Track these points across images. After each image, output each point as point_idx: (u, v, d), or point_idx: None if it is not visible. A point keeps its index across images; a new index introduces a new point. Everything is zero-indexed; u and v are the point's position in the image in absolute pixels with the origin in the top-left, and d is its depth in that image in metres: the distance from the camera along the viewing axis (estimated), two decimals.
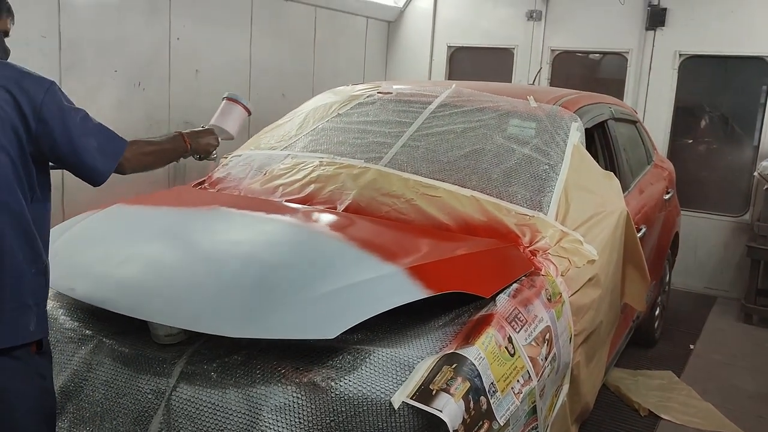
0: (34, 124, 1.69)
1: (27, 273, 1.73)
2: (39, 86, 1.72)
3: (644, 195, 3.74)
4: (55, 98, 1.73)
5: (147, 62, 4.49)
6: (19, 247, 1.70)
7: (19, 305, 1.72)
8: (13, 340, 1.71)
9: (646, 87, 5.80)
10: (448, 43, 6.56)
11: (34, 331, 1.75)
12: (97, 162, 1.80)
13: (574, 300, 2.39)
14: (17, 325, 1.71)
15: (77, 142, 1.75)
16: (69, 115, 1.75)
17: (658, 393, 3.84)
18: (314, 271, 2.03)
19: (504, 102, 3.11)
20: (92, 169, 1.80)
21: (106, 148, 1.82)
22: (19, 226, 1.70)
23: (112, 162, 1.83)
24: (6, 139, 1.66)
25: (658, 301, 4.45)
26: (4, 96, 1.66)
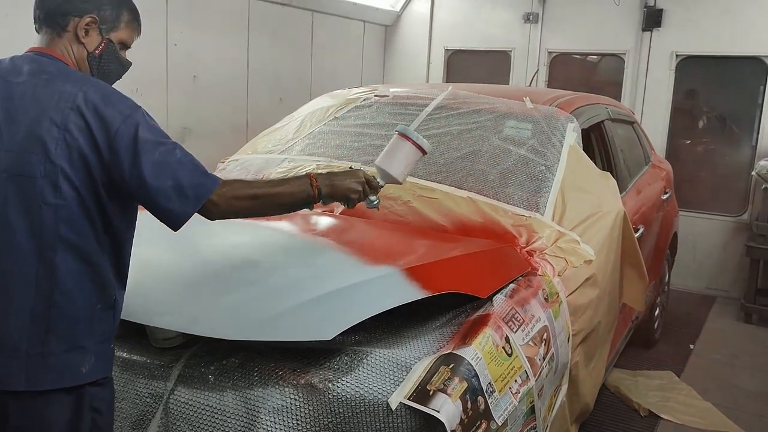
0: (106, 154, 1.52)
1: (87, 311, 1.59)
2: (118, 114, 1.53)
3: (642, 195, 3.75)
4: (132, 128, 1.53)
5: (144, 68, 4.50)
6: (78, 284, 1.57)
7: (69, 348, 1.57)
8: (60, 383, 1.58)
9: (644, 88, 5.82)
10: (445, 47, 6.58)
11: (87, 373, 1.60)
12: (173, 204, 1.57)
13: (571, 300, 2.39)
14: (65, 367, 1.57)
15: (149, 181, 1.53)
16: (144, 147, 1.53)
17: (658, 393, 3.84)
18: (310, 273, 2.03)
19: (500, 103, 3.12)
20: (167, 211, 1.58)
21: (185, 188, 1.57)
22: (84, 261, 1.57)
23: (190, 206, 1.59)
24: (73, 169, 1.52)
25: (657, 302, 4.45)
26: (77, 122, 1.52)
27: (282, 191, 1.76)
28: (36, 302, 1.54)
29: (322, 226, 2.50)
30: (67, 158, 1.52)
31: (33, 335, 1.55)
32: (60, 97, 1.54)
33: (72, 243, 1.55)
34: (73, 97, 1.53)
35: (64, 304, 1.56)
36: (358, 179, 1.90)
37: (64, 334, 1.57)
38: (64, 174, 1.52)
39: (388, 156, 2.04)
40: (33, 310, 1.54)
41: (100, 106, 1.53)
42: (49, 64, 1.61)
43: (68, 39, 1.64)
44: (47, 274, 1.54)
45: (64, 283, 1.55)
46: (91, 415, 1.64)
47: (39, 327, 1.55)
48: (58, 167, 1.52)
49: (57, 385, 1.57)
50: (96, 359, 1.62)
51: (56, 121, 1.53)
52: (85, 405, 1.62)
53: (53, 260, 1.54)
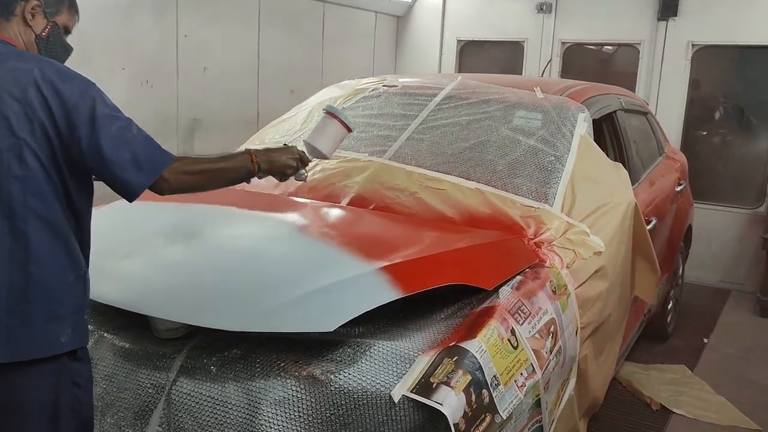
0: (64, 129, 1.58)
1: (61, 282, 1.64)
2: (75, 89, 1.59)
3: (655, 187, 3.69)
4: (88, 103, 1.59)
5: (154, 60, 4.50)
6: (50, 255, 1.62)
7: (49, 317, 1.63)
8: (41, 352, 1.62)
9: (659, 78, 5.73)
10: (457, 38, 6.52)
11: (66, 342, 1.66)
12: (129, 175, 1.63)
13: (580, 292, 2.35)
14: (47, 337, 1.63)
15: (107, 153, 1.60)
16: (102, 121, 1.60)
17: (670, 387, 3.79)
18: (313, 264, 2.01)
19: (510, 93, 3.08)
20: (123, 182, 1.64)
21: (141, 161, 1.64)
22: (54, 233, 1.62)
23: (146, 178, 1.65)
24: (36, 143, 1.57)
25: (670, 295, 4.39)
26: (37, 97, 1.57)
27: (226, 166, 1.83)
28: (12, 274, 1.59)
29: (327, 217, 2.48)
30: (29, 131, 1.57)
31: (12, 307, 1.59)
32: (17, 74, 1.59)
33: (41, 215, 1.60)
34: (29, 73, 1.58)
35: (40, 275, 1.60)
36: (293, 155, 1.98)
37: (42, 305, 1.61)
38: (28, 147, 1.57)
39: (317, 133, 2.13)
40: (10, 282, 1.58)
41: (56, 81, 1.58)
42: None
43: (16, 23, 1.69)
44: (20, 246, 1.58)
45: (37, 254, 1.60)
46: (71, 390, 1.70)
47: (17, 298, 1.59)
48: (22, 140, 1.57)
49: (39, 354, 1.61)
50: (73, 330, 1.67)
51: (16, 96, 1.57)
52: (66, 380, 1.68)
53: (25, 232, 1.58)
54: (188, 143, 4.88)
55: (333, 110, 2.14)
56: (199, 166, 1.77)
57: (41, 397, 1.65)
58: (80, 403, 1.73)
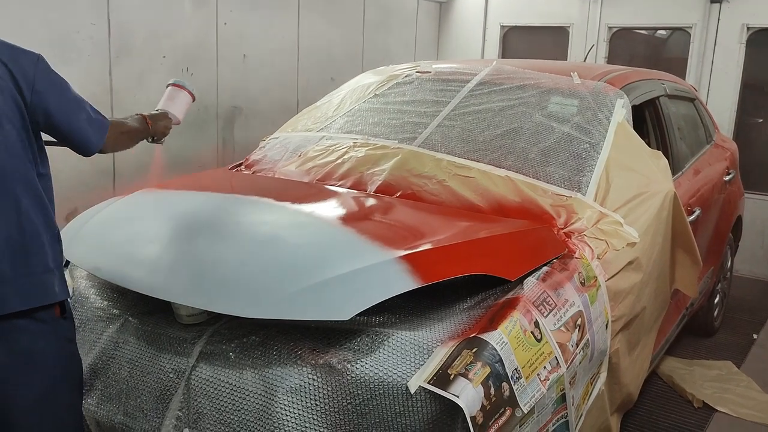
0: (29, 95, 1.74)
1: (47, 238, 1.80)
2: (29, 59, 1.77)
3: (700, 176, 3.55)
4: (46, 71, 1.79)
5: (194, 47, 4.54)
6: (35, 214, 1.76)
7: (44, 269, 1.78)
8: (42, 300, 1.78)
9: (711, 63, 5.50)
10: (501, 23, 6.39)
11: (59, 292, 1.82)
12: (89, 133, 1.87)
13: (611, 284, 2.27)
14: (46, 286, 1.79)
15: (70, 113, 1.82)
16: (61, 87, 1.82)
17: (714, 384, 3.65)
18: (333, 252, 1.99)
19: (546, 79, 2.99)
20: (85, 139, 1.87)
21: (93, 120, 1.89)
22: (33, 193, 1.77)
23: (101, 134, 1.90)
24: (9, 110, 1.71)
25: (717, 288, 4.23)
26: (2, 68, 1.71)
27: (136, 128, 2.11)
28: (9, 230, 1.72)
29: (351, 205, 2.46)
30: (1, 99, 1.70)
31: (15, 259, 1.73)
32: None
33: (24, 177, 1.75)
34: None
35: (31, 231, 1.76)
36: (169, 119, 2.30)
37: (39, 257, 1.77)
38: (4, 114, 1.70)
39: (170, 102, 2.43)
40: (8, 237, 1.72)
41: (12, 53, 1.75)
42: None
43: None
44: (12, 204, 1.72)
45: (27, 211, 1.74)
46: (66, 345, 1.89)
47: (18, 252, 1.74)
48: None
49: (43, 301, 1.78)
50: (59, 281, 1.83)
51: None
52: (60, 336, 1.86)
53: (14, 192, 1.73)
54: (228, 131, 4.92)
55: (179, 82, 2.50)
56: (124, 128, 2.04)
57: (37, 348, 1.79)
58: (72, 356, 1.91)
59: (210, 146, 4.78)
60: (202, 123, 4.66)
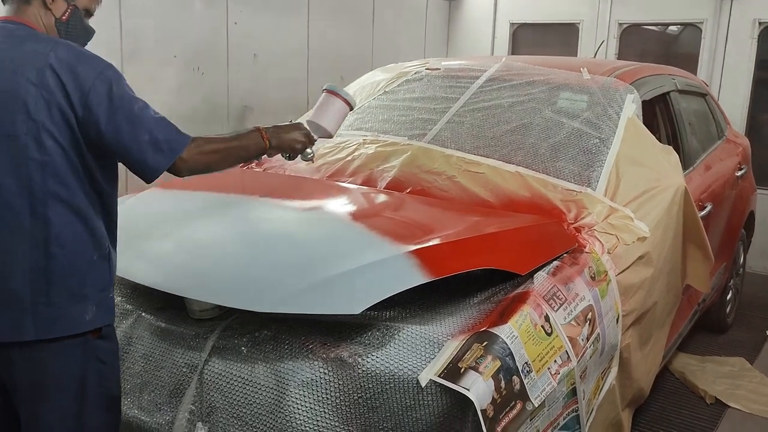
0: (80, 110, 1.59)
1: (84, 261, 1.67)
2: (91, 70, 1.60)
3: (712, 171, 3.53)
4: (105, 84, 1.60)
5: (205, 47, 4.57)
6: (72, 236, 1.64)
7: (72, 297, 1.66)
8: (65, 330, 1.66)
9: (722, 59, 5.47)
10: (510, 20, 6.38)
11: (90, 321, 1.69)
12: (147, 157, 1.64)
13: (621, 279, 2.27)
14: (70, 315, 1.66)
15: (125, 134, 1.61)
16: (120, 103, 1.61)
17: (727, 380, 3.63)
18: (343, 247, 2.01)
19: (555, 75, 2.99)
20: (142, 163, 1.65)
21: (160, 142, 1.64)
22: (73, 214, 1.64)
23: (165, 159, 1.65)
24: (54, 125, 1.58)
25: (730, 284, 4.21)
26: (53, 80, 1.58)
27: (239, 144, 1.83)
28: (34, 256, 1.62)
29: (361, 201, 2.47)
30: (47, 114, 1.58)
31: (35, 287, 1.62)
32: (33, 57, 1.60)
33: (62, 197, 1.62)
34: (45, 57, 1.59)
35: (61, 256, 1.63)
36: (302, 131, 1.97)
37: (65, 284, 1.65)
38: (46, 130, 1.58)
39: (320, 111, 2.11)
40: (32, 263, 1.62)
41: (73, 63, 1.59)
42: (16, 29, 1.66)
43: (36, 6, 1.70)
44: (41, 228, 1.61)
45: (58, 235, 1.62)
46: (97, 366, 1.74)
47: (40, 279, 1.63)
48: (39, 123, 1.58)
49: (64, 332, 1.65)
50: (97, 307, 1.70)
51: (32, 79, 1.58)
52: (90, 357, 1.72)
53: (45, 214, 1.61)
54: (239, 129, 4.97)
55: (333, 88, 2.12)
56: (214, 145, 1.77)
57: (67, 372, 1.69)
58: (106, 379, 1.77)
59: None
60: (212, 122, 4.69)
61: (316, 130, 2.10)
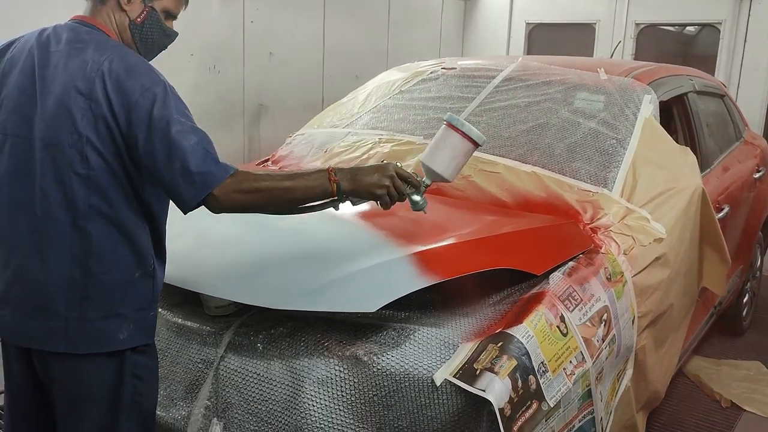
0: (124, 127, 1.51)
1: (123, 279, 1.60)
2: (138, 86, 1.51)
3: (729, 173, 3.51)
4: (149, 102, 1.50)
5: (222, 45, 4.60)
6: (113, 253, 1.58)
7: (107, 314, 1.60)
8: (97, 347, 1.61)
9: (741, 60, 5.43)
10: (526, 20, 6.38)
11: (124, 340, 1.62)
12: (180, 187, 1.51)
13: (638, 280, 2.26)
14: (103, 333, 1.60)
15: (159, 159, 1.50)
16: (159, 124, 1.49)
17: (743, 384, 3.60)
18: (358, 246, 2.01)
19: (572, 75, 2.98)
20: (174, 193, 1.54)
21: (192, 174, 1.50)
22: (116, 230, 1.58)
23: (196, 192, 1.52)
24: (99, 139, 1.52)
25: (746, 288, 4.17)
26: (102, 92, 1.51)
27: (294, 185, 1.62)
28: (72, 269, 1.57)
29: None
30: (93, 128, 1.52)
31: (70, 301, 1.58)
32: (88, 66, 1.53)
33: (104, 212, 1.56)
34: (99, 66, 1.52)
35: (100, 272, 1.57)
36: (385, 173, 1.69)
37: (101, 301, 1.59)
38: (90, 144, 1.52)
39: (434, 149, 1.81)
40: (70, 277, 1.57)
41: (122, 76, 1.51)
42: (86, 32, 1.60)
43: (111, 6, 1.63)
44: (82, 242, 1.56)
45: (99, 251, 1.57)
46: (132, 382, 1.67)
47: (76, 293, 1.58)
48: (84, 137, 1.52)
49: (94, 349, 1.60)
50: (135, 326, 1.64)
51: (82, 90, 1.52)
52: (126, 371, 1.65)
53: (86, 229, 1.55)
54: (254, 127, 4.98)
55: (454, 121, 1.78)
56: (259, 183, 1.58)
57: (100, 386, 1.64)
58: (141, 395, 1.70)
59: (236, 143, 4.84)
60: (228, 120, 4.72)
61: (430, 173, 1.82)
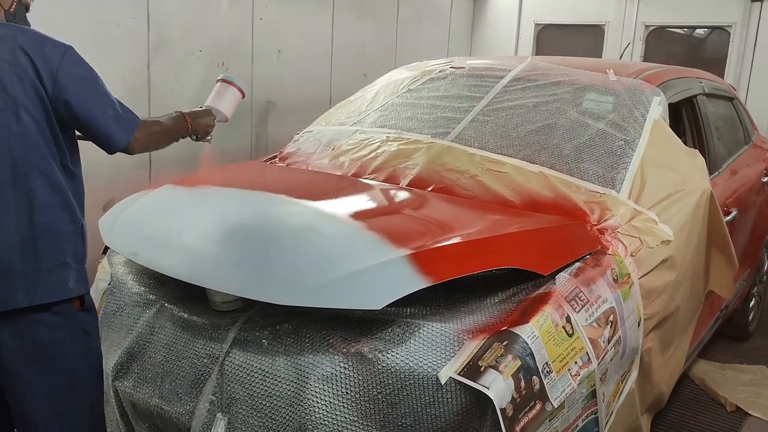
0: (50, 88, 1.73)
1: (64, 232, 1.81)
2: (56, 51, 1.76)
3: (738, 176, 3.49)
4: (72, 63, 1.77)
5: (230, 42, 4.59)
6: (53, 207, 1.78)
7: (57, 264, 1.79)
8: (54, 296, 1.79)
9: (750, 63, 5.41)
10: (535, 21, 6.36)
11: (72, 288, 1.83)
12: (113, 130, 1.83)
13: (644, 282, 2.25)
14: (55, 282, 1.79)
15: (92, 108, 1.79)
16: (86, 80, 1.80)
17: (748, 388, 3.59)
18: (364, 244, 2.01)
19: (581, 75, 2.97)
20: (107, 135, 1.84)
21: (122, 117, 1.85)
22: (52, 186, 1.77)
23: (127, 132, 1.86)
24: (29, 101, 1.72)
25: (753, 292, 4.15)
26: (24, 59, 1.72)
27: (172, 127, 2.06)
28: (20, 224, 1.74)
29: (383, 198, 2.47)
30: (22, 91, 1.71)
31: (25, 254, 1.75)
32: (3, 39, 1.73)
33: (40, 169, 1.75)
34: (14, 38, 1.73)
35: (44, 225, 1.77)
36: (212, 117, 2.25)
37: (51, 251, 1.78)
38: (22, 105, 1.71)
39: (218, 98, 2.41)
40: (19, 232, 1.74)
41: (40, 44, 1.75)
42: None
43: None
44: (25, 198, 1.74)
45: (41, 205, 1.75)
46: (83, 338, 1.89)
47: (29, 246, 1.75)
48: (15, 99, 1.71)
49: (52, 298, 1.79)
50: (77, 276, 1.84)
51: (6, 58, 1.71)
52: (77, 327, 1.86)
53: (28, 185, 1.74)
54: (262, 125, 4.98)
55: (229, 78, 2.47)
56: (158, 127, 1.99)
57: (56, 341, 1.81)
58: (91, 349, 1.92)
59: (244, 141, 4.84)
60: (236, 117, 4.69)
61: (216, 113, 2.36)
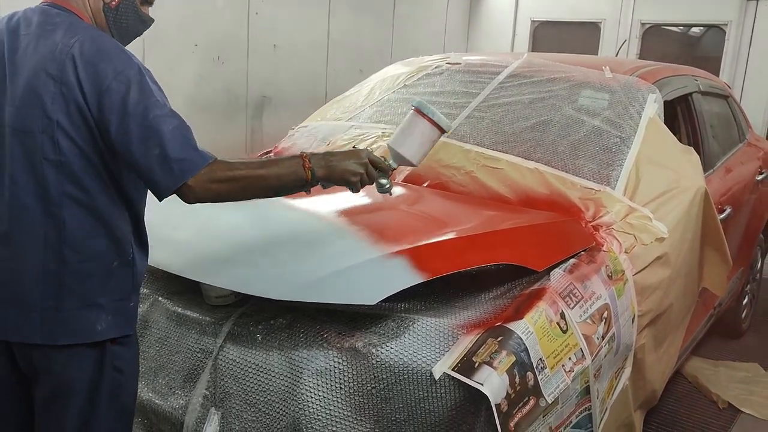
0: (95, 111, 1.47)
1: (101, 268, 1.55)
2: (111, 68, 1.46)
3: (732, 174, 3.50)
4: (123, 86, 1.45)
5: (226, 37, 4.59)
6: (89, 241, 1.53)
7: (84, 305, 1.55)
8: (74, 338, 1.56)
9: (746, 61, 5.43)
10: (531, 18, 6.37)
11: (102, 331, 1.57)
12: (155, 175, 1.47)
13: (638, 279, 2.26)
14: (81, 324, 1.55)
15: (135, 144, 1.45)
16: (134, 109, 1.45)
17: (740, 385, 3.61)
18: (360, 239, 2.01)
19: (577, 72, 2.97)
20: (150, 180, 1.50)
21: (170, 161, 1.46)
22: (92, 218, 1.53)
23: (173, 180, 1.48)
24: (72, 124, 1.47)
25: (746, 290, 4.17)
26: (73, 75, 1.46)
27: (268, 173, 1.60)
28: (46, 259, 1.52)
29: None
30: (64, 112, 1.47)
31: (45, 291, 1.53)
32: (57, 49, 1.48)
33: (79, 199, 1.51)
34: (69, 48, 1.47)
35: (75, 261, 1.53)
36: (359, 160, 1.71)
37: (77, 291, 1.54)
38: (61, 129, 1.47)
39: (402, 135, 1.84)
40: (44, 266, 1.52)
41: (94, 58, 1.46)
42: (56, 15, 1.55)
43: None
44: (55, 230, 1.51)
45: (73, 239, 1.52)
46: (112, 374, 1.62)
47: (51, 283, 1.53)
48: (55, 122, 1.47)
49: (71, 340, 1.55)
50: (114, 317, 1.59)
51: (52, 73, 1.47)
52: (106, 363, 1.61)
53: (60, 216, 1.51)
54: (257, 120, 4.97)
55: (421, 106, 1.80)
56: (233, 173, 1.54)
57: (79, 378, 1.59)
58: (120, 388, 1.65)
59: (239, 135, 4.83)
60: (231, 112, 4.71)
61: (397, 157, 1.84)
